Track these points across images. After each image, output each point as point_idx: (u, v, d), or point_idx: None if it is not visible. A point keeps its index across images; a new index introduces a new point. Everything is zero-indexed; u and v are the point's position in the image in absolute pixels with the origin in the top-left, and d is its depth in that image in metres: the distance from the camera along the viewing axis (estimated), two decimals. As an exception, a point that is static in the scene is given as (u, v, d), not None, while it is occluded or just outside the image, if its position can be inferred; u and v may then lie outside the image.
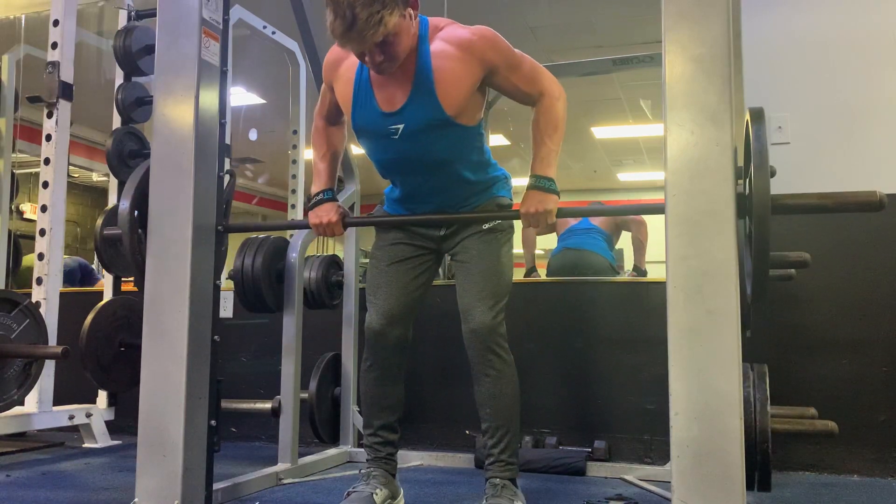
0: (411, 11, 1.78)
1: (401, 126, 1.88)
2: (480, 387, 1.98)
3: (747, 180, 1.62)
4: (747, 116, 1.68)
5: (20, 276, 3.78)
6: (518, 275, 1.98)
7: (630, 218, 3.96)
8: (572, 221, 4.07)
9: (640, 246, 3.94)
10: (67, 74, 3.06)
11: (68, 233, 4.02)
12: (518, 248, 2.06)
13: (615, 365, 2.87)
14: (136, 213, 2.03)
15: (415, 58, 1.83)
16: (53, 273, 2.99)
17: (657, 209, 1.63)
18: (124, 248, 2.04)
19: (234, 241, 2.55)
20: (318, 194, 2.05)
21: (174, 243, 1.88)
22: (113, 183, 3.37)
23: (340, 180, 2.88)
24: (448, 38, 1.85)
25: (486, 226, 2.01)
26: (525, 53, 1.94)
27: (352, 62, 1.93)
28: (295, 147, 4.09)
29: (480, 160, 2.01)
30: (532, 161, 1.90)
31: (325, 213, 2.01)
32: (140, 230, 2.02)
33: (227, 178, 2.10)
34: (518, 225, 2.08)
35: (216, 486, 2.05)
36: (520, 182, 1.99)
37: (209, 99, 1.96)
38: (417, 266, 2.08)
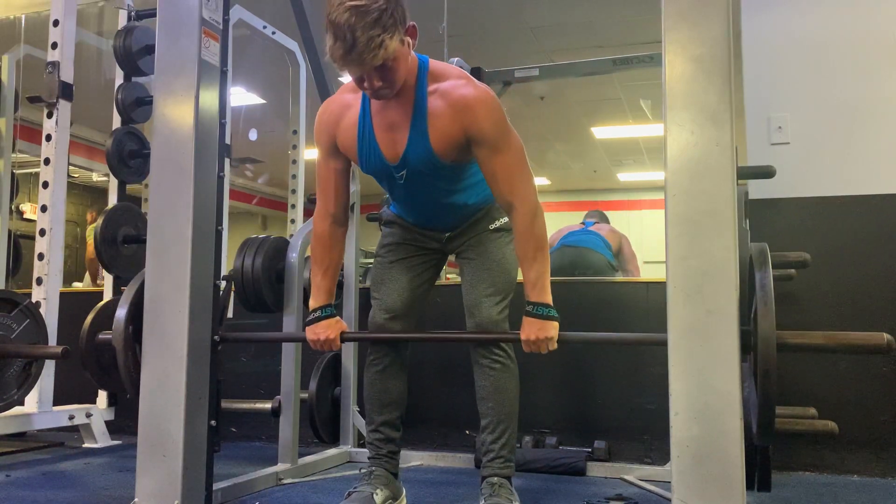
0: (409, 40, 1.78)
1: (404, 172, 1.91)
2: (484, 380, 1.98)
3: (752, 317, 1.61)
4: (751, 253, 1.67)
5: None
6: (519, 275, 1.99)
7: (626, 260, 4.01)
8: (574, 226, 4.09)
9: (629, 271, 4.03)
10: (67, 74, 3.06)
11: (68, 233, 4.01)
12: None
13: (615, 365, 2.87)
14: (130, 328, 1.99)
15: (412, 102, 1.84)
16: (53, 273, 2.99)
17: (659, 342, 1.59)
18: (118, 362, 1.98)
19: (235, 242, 2.55)
20: (316, 310, 2.00)
21: (174, 243, 1.88)
22: (113, 183, 3.37)
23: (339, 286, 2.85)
24: (445, 92, 1.83)
25: (491, 226, 2.05)
26: (521, 144, 1.86)
27: (352, 117, 1.92)
28: (295, 147, 4.08)
29: (479, 180, 2.01)
30: (524, 286, 1.89)
31: (324, 331, 1.99)
32: (136, 345, 1.97)
33: (222, 284, 2.04)
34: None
35: (216, 486, 2.05)
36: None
37: (209, 99, 1.96)
38: (422, 264, 2.11)
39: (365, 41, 1.66)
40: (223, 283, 2.05)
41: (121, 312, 2.02)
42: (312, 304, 2.02)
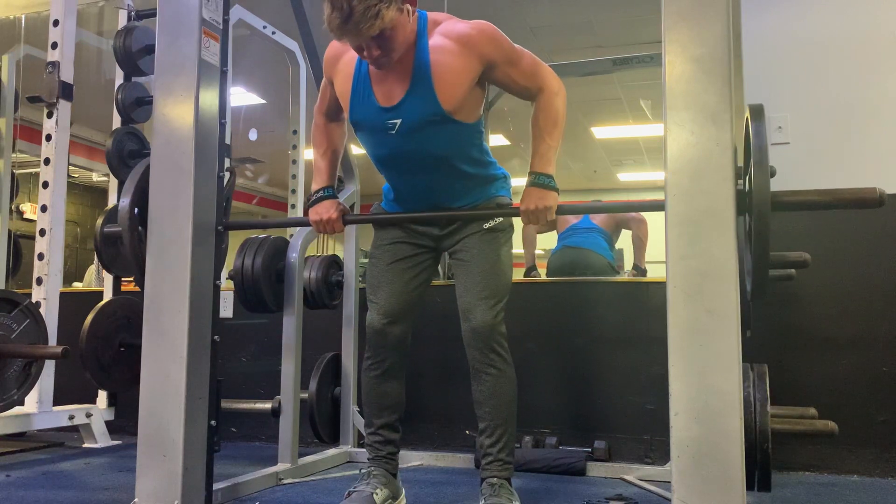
0: (409, 7, 1.78)
1: (398, 121, 1.88)
2: (480, 385, 1.98)
3: (747, 177, 1.62)
4: (747, 113, 1.68)
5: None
6: (518, 274, 1.98)
7: (630, 216, 3.95)
8: (573, 220, 4.08)
9: (640, 244, 3.94)
10: (67, 74, 3.06)
11: (68, 233, 4.02)
12: (518, 248, 2.07)
13: (615, 365, 2.87)
14: (136, 210, 2.03)
15: (413, 52, 1.84)
16: (53, 273, 2.99)
17: (657, 206, 1.63)
18: (124, 246, 2.05)
19: (234, 241, 2.55)
20: (318, 191, 2.06)
21: (174, 243, 1.88)
22: (113, 183, 3.37)
23: (340, 180, 2.89)
24: (447, 32, 1.85)
25: (486, 225, 2.01)
26: (523, 48, 1.93)
27: (351, 57, 1.93)
28: (295, 147, 4.09)
29: (479, 158, 2.01)
30: (531, 158, 1.90)
31: (326, 210, 2.02)
32: (140, 227, 2.02)
33: (227, 175, 2.10)
34: (518, 224, 2.08)
35: (216, 486, 2.05)
36: (519, 182, 2.00)
37: (209, 99, 1.96)
38: (417, 265, 2.09)
39: (361, 10, 1.66)
40: (227, 175, 2.12)
41: (125, 200, 2.05)
42: (314, 185, 2.08)
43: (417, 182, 2.00)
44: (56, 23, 3.07)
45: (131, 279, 3.10)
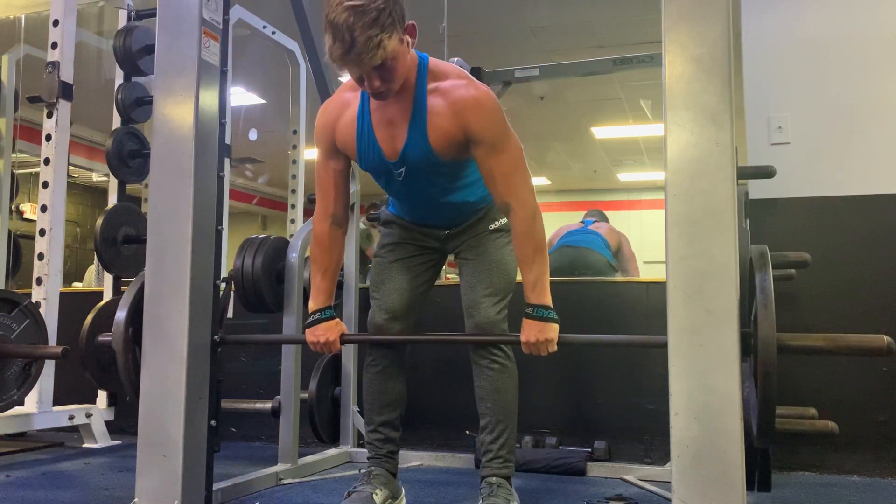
0: (409, 39, 1.78)
1: (403, 169, 1.91)
2: (482, 381, 1.98)
3: (752, 319, 1.61)
4: (751, 255, 1.67)
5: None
6: (519, 275, 1.98)
7: (626, 259, 4.02)
8: (572, 226, 4.09)
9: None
10: (67, 74, 3.06)
11: (68, 233, 4.02)
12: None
13: (615, 365, 2.87)
14: (130, 330, 1.98)
15: (411, 100, 1.84)
16: (53, 273, 2.99)
17: (658, 343, 1.60)
18: (117, 365, 1.98)
19: (235, 242, 2.55)
20: (316, 312, 1.98)
21: (174, 243, 1.88)
22: (113, 183, 3.37)
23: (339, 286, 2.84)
24: (445, 92, 1.83)
25: (491, 226, 2.05)
26: (519, 145, 1.86)
27: (351, 114, 1.92)
28: (295, 147, 4.09)
29: (478, 179, 2.01)
30: (524, 288, 1.87)
31: (324, 333, 1.97)
32: (136, 347, 1.97)
33: (222, 285, 2.03)
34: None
35: (216, 486, 2.05)
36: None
37: (209, 99, 1.96)
38: (421, 264, 2.11)
39: (363, 41, 1.66)
40: (223, 285, 2.04)
41: (120, 315, 2.01)
42: (312, 305, 2.00)
43: (425, 209, 2.06)
44: (56, 23, 3.07)
45: (132, 279, 3.10)
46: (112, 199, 3.36)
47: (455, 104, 1.81)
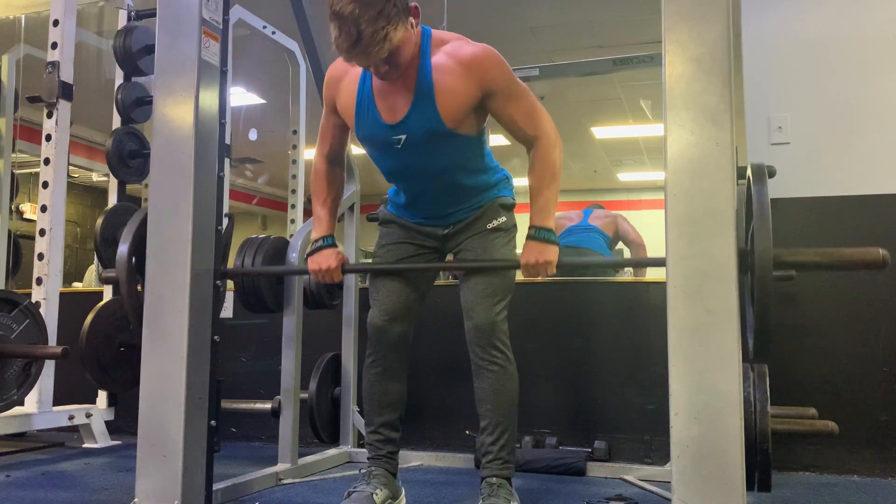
0: (413, 21, 1.79)
1: (403, 137, 1.90)
2: (482, 382, 1.98)
3: (749, 235, 1.62)
4: (749, 172, 1.68)
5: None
6: (519, 274, 1.98)
7: (631, 238, 4.01)
8: (572, 220, 4.09)
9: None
10: (67, 74, 3.06)
11: (68, 233, 4.02)
12: (521, 248, 2.08)
13: (615, 365, 2.87)
14: (133, 259, 2.00)
15: (416, 68, 1.84)
16: (53, 273, 2.99)
17: (659, 263, 1.63)
18: (121, 296, 2.01)
19: (235, 242, 2.55)
20: (318, 240, 2.04)
21: (174, 243, 1.88)
22: (113, 183, 3.37)
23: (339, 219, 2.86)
24: (451, 52, 1.85)
25: (489, 225, 2.04)
26: (528, 88, 1.91)
27: (354, 76, 1.94)
28: (295, 147, 4.09)
29: (481, 165, 2.03)
30: (530, 211, 1.90)
31: (325, 260, 2.01)
32: (138, 276, 1.99)
33: (226, 221, 2.07)
34: (520, 224, 2.09)
35: (216, 486, 2.05)
36: (520, 181, 2.01)
37: (209, 99, 1.96)
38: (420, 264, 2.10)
39: (370, 34, 1.66)
40: (226, 220, 2.09)
41: (123, 248, 2.04)
42: (314, 234, 2.07)
43: (424, 189, 2.02)
44: (56, 23, 3.07)
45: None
46: (112, 199, 3.36)
47: (464, 61, 1.83)
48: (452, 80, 1.83)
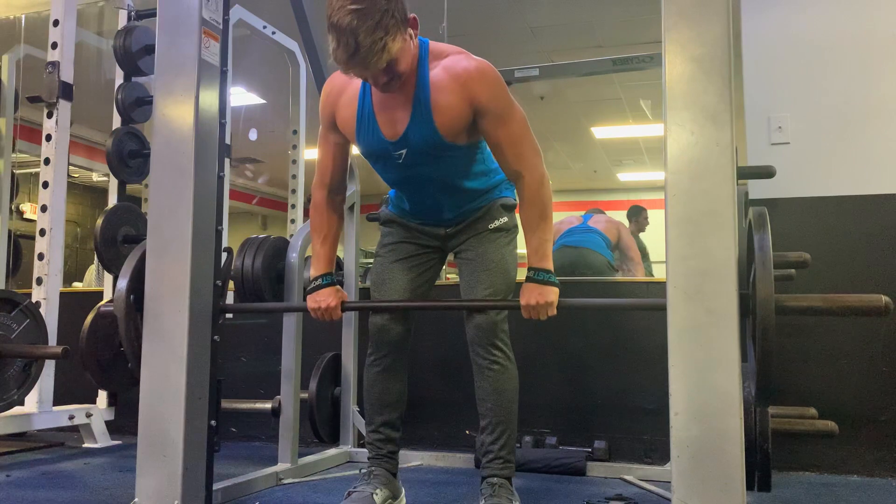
0: (411, 31, 1.79)
1: (404, 151, 1.90)
2: (483, 382, 1.98)
3: (751, 279, 1.61)
4: (749, 217, 1.67)
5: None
6: (521, 274, 1.99)
7: (630, 257, 4.04)
8: (573, 222, 4.09)
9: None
10: (67, 74, 3.06)
11: (68, 233, 4.01)
12: (522, 248, 2.08)
13: (615, 365, 2.87)
14: (132, 297, 1.99)
15: (414, 82, 1.84)
16: (53, 273, 2.99)
17: (658, 307, 1.61)
18: (119, 332, 1.99)
19: (235, 242, 2.55)
20: (317, 279, 2.01)
21: (174, 243, 1.88)
22: (113, 183, 3.37)
23: (339, 266, 2.84)
24: (448, 67, 1.84)
25: (491, 225, 2.04)
26: (524, 114, 1.88)
27: (353, 90, 1.93)
28: (295, 147, 4.08)
29: (482, 169, 2.03)
30: (527, 252, 1.90)
31: (325, 299, 1.99)
32: (137, 315, 1.98)
33: (224, 256, 2.04)
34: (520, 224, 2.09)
35: (216, 486, 2.05)
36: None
37: (209, 99, 1.96)
38: (422, 264, 2.11)
39: (368, 45, 1.66)
40: (224, 254, 2.05)
41: (122, 283, 2.02)
42: (313, 272, 2.03)
43: (426, 195, 2.03)
44: (56, 23, 3.07)
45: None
46: (112, 199, 3.36)
47: (459, 76, 1.82)
48: (447, 97, 1.83)
